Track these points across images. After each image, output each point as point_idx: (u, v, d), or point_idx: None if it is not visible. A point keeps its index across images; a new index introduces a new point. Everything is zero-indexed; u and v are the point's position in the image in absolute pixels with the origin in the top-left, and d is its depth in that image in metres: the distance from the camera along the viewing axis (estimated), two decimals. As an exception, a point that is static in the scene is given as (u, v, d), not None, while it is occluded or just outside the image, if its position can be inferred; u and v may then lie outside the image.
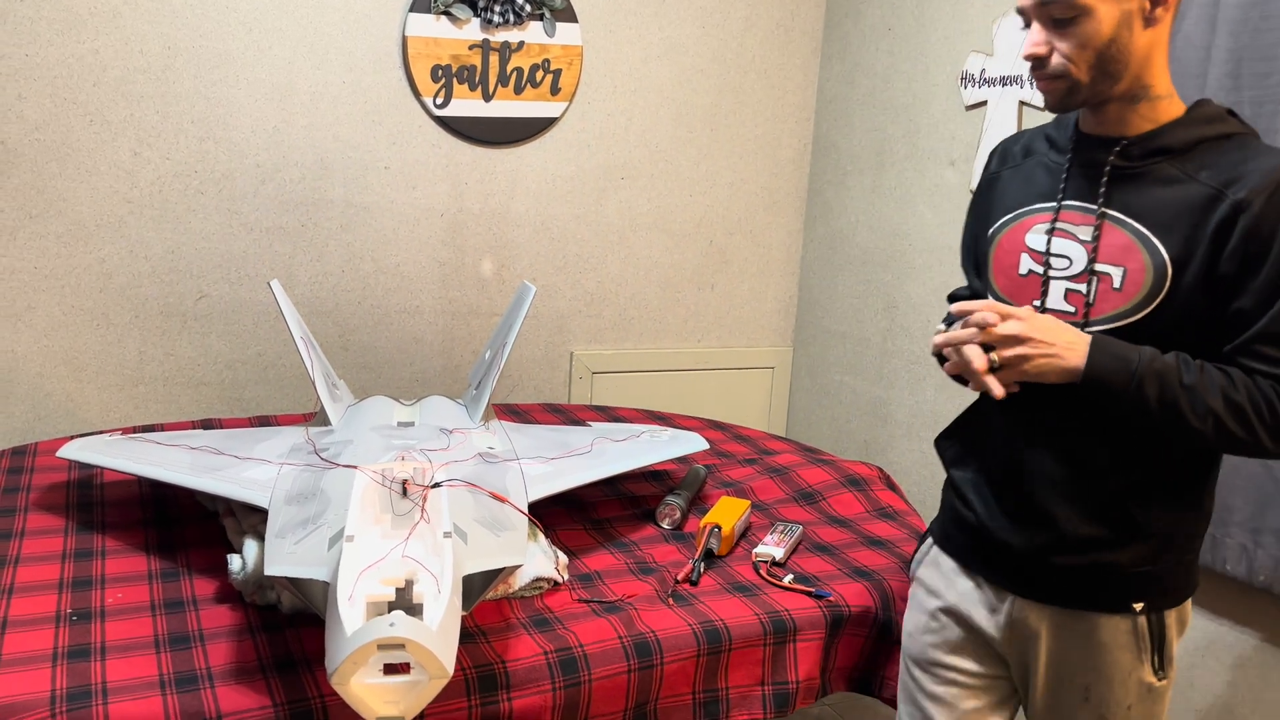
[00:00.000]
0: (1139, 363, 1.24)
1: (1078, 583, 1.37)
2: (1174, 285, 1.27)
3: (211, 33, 2.49)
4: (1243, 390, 1.23)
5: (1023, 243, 1.39)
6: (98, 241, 2.49)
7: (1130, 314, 1.30)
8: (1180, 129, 1.30)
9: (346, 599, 1.19)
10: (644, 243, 3.09)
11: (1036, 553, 1.39)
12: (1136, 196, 1.30)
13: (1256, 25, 1.86)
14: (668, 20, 2.96)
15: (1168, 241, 1.27)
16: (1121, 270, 1.30)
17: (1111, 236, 1.31)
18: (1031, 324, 1.25)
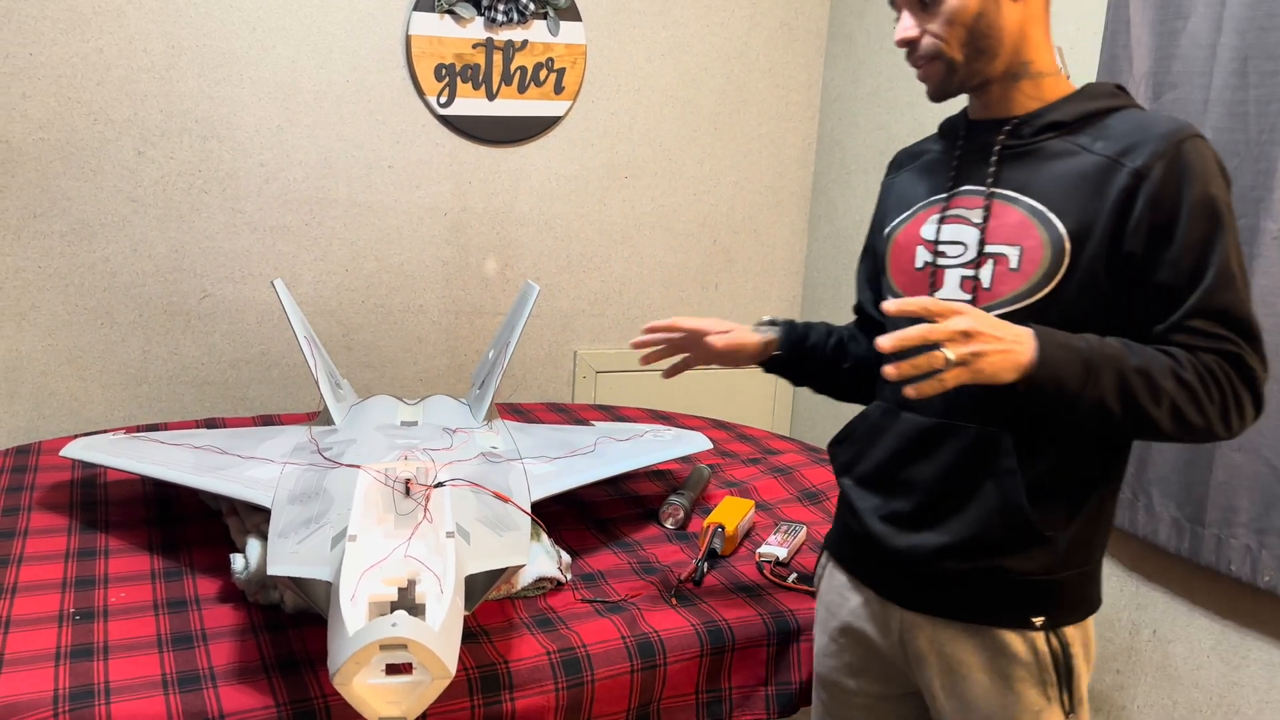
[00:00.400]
0: (1091, 350, 1.14)
1: (969, 590, 1.27)
2: (1074, 261, 1.20)
3: (215, 32, 2.49)
4: (1190, 369, 1.15)
5: (917, 235, 1.34)
6: (101, 240, 2.50)
7: (1029, 294, 1.22)
8: (1068, 104, 1.25)
9: (349, 599, 1.19)
10: (648, 242, 3.08)
11: (925, 558, 1.29)
12: (1028, 173, 1.24)
13: (1263, 24, 1.85)
14: (672, 19, 2.96)
15: (1064, 215, 1.21)
16: (1018, 249, 1.23)
17: (1004, 216, 1.25)
18: (976, 316, 1.13)
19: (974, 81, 1.27)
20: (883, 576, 1.36)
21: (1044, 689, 1.27)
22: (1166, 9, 2.02)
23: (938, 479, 1.28)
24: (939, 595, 1.29)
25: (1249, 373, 1.17)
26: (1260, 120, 1.86)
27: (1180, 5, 1.99)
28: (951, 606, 1.29)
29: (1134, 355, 1.15)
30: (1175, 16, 2.00)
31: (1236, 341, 1.16)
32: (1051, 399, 1.15)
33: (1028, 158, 1.25)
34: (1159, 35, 2.04)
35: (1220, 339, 1.16)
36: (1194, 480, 1.97)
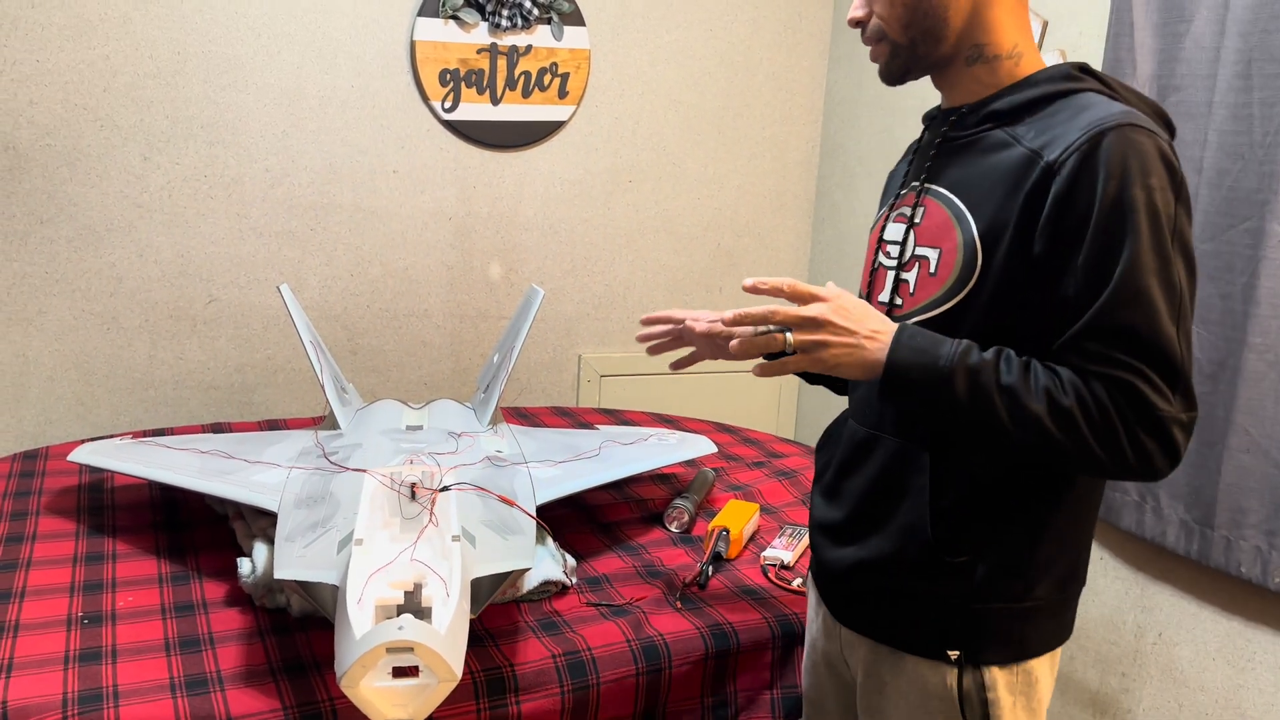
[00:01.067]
0: (949, 357, 1.05)
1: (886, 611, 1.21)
2: (985, 266, 1.09)
3: (221, 38, 2.51)
4: (1071, 393, 1.02)
5: (878, 233, 1.27)
6: (108, 246, 2.51)
7: (942, 301, 1.12)
8: (1012, 91, 1.13)
9: (355, 602, 1.20)
10: (652, 245, 3.09)
11: (849, 571, 1.24)
12: (959, 168, 1.14)
13: (1266, 26, 1.85)
14: (675, 23, 2.96)
15: (978, 215, 1.10)
16: (937, 252, 1.13)
17: (932, 215, 1.15)
18: (836, 306, 1.07)
19: (922, 65, 1.19)
20: (829, 590, 1.31)
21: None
22: (1170, 12, 2.02)
23: (864, 492, 1.23)
24: (868, 614, 1.24)
25: (1149, 409, 1.00)
26: (1265, 123, 1.86)
27: (1184, 8, 2.00)
28: (876, 626, 1.23)
29: (1006, 371, 1.04)
30: (1179, 19, 2.01)
31: (1135, 367, 1.00)
32: (900, 400, 1.10)
33: (964, 151, 1.15)
34: (1163, 38, 2.04)
35: (1115, 363, 1.01)
36: (1202, 482, 1.97)
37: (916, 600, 1.18)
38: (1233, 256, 1.91)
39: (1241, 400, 1.89)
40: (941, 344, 1.06)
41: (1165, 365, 1.01)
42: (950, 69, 1.18)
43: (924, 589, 1.17)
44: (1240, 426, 1.89)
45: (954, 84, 1.19)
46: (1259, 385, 1.87)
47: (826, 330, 1.07)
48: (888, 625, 1.22)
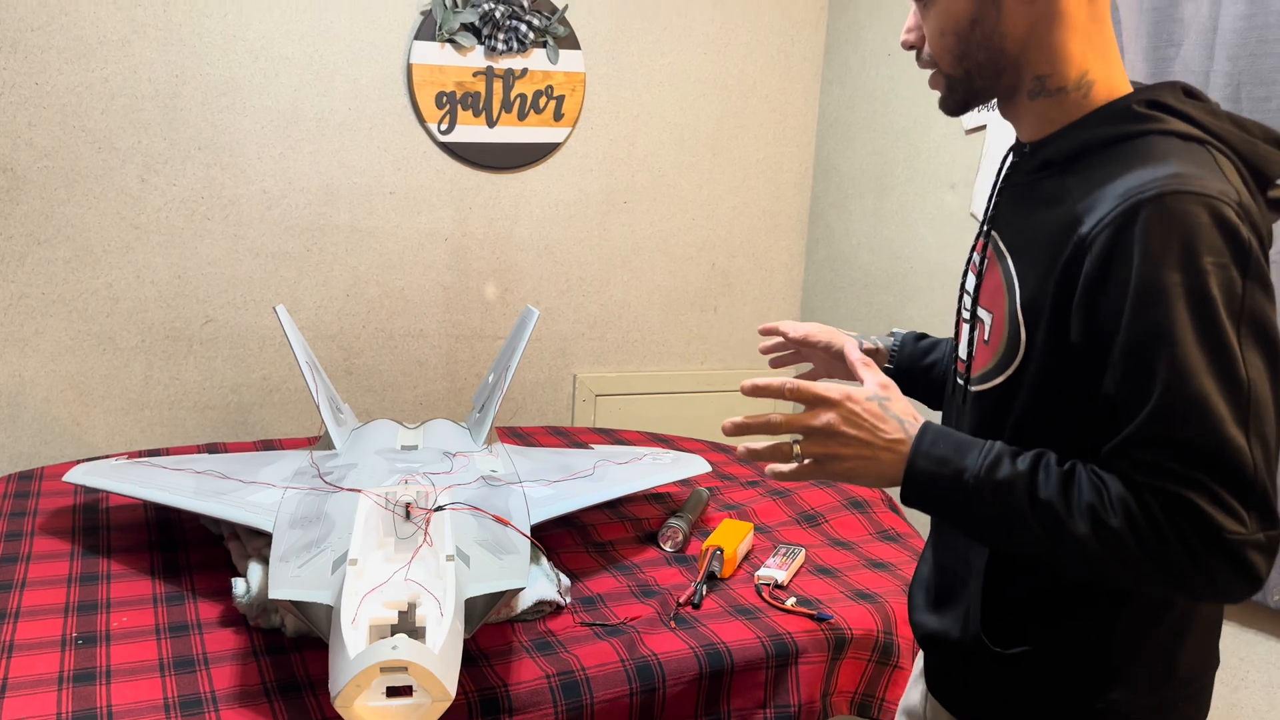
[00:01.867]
0: (974, 470, 0.93)
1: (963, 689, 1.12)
2: (1029, 344, 0.96)
3: (219, 61, 2.52)
4: (1119, 511, 0.88)
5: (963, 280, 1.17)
6: (105, 266, 2.52)
7: (994, 374, 1.01)
8: (1071, 132, 0.99)
9: (350, 622, 1.20)
10: (647, 266, 3.10)
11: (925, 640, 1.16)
12: (1018, 220, 1.02)
13: (1254, 50, 1.88)
14: (670, 46, 2.99)
15: (1024, 284, 0.97)
16: (990, 317, 1.02)
17: (992, 272, 1.03)
18: (845, 414, 0.96)
19: (983, 97, 1.04)
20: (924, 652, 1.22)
21: None
22: (1159, 35, 2.05)
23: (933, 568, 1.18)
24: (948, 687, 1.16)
25: (1212, 530, 0.85)
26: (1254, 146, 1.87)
27: (1173, 32, 2.02)
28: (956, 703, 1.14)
29: (1045, 485, 0.91)
30: (1168, 43, 2.03)
31: (1197, 481, 0.85)
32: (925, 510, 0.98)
33: (1023, 200, 1.03)
34: (1153, 61, 2.07)
35: (1170, 476, 0.86)
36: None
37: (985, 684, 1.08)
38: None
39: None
40: (967, 454, 0.94)
41: (1233, 478, 0.85)
42: (1014, 101, 1.03)
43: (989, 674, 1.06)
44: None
45: (1020, 118, 1.04)
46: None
47: (837, 441, 0.97)
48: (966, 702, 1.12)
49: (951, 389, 1.16)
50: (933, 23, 1.02)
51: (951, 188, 2.70)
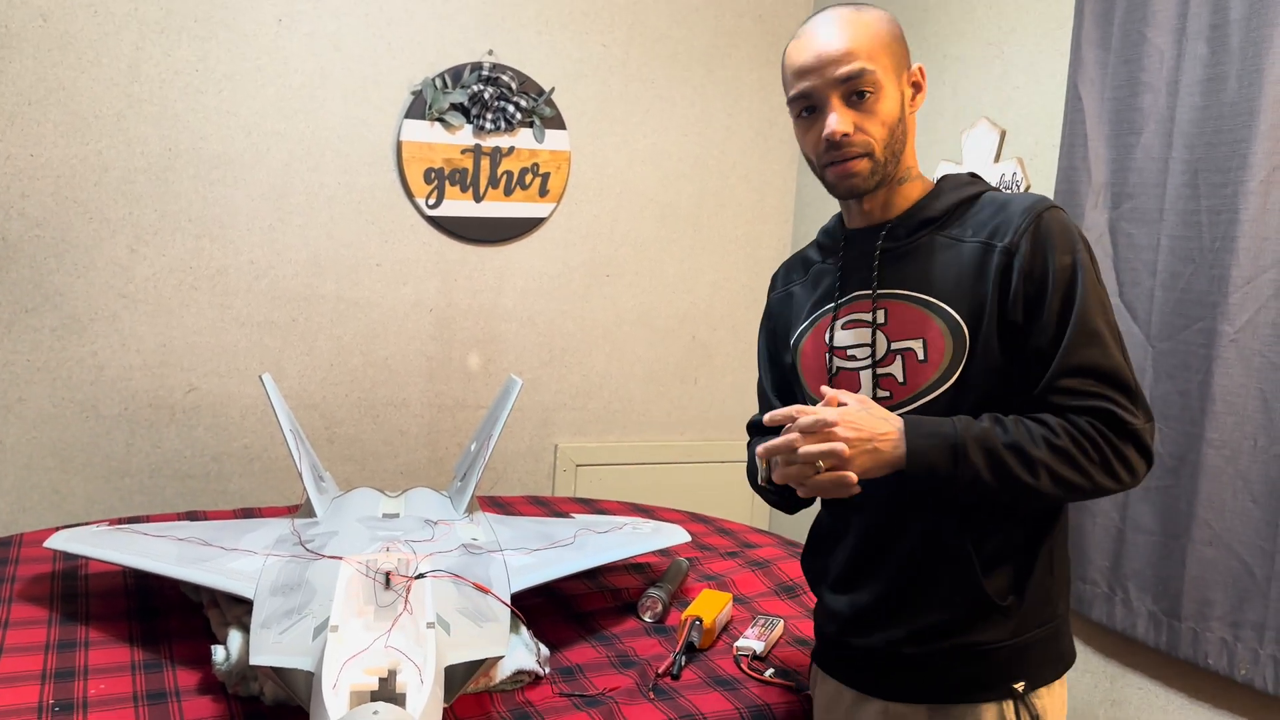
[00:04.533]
0: (957, 434, 1.20)
1: (942, 672, 1.31)
2: (973, 343, 1.25)
3: (212, 135, 2.59)
4: (1063, 434, 1.20)
5: (823, 342, 1.38)
6: (91, 335, 2.54)
7: (942, 381, 1.27)
8: (935, 200, 1.32)
9: (330, 688, 1.21)
10: (629, 338, 3.15)
11: (894, 648, 1.33)
12: (913, 271, 1.30)
13: (1210, 139, 1.96)
14: (652, 128, 3.08)
15: (957, 304, 1.27)
16: (921, 342, 1.28)
17: (901, 314, 1.30)
18: (845, 426, 1.18)
19: (881, 181, 1.30)
20: (864, 673, 1.39)
21: None
22: (1120, 123, 2.14)
23: (898, 572, 1.33)
24: (917, 681, 1.33)
25: (1124, 426, 1.21)
26: (1213, 229, 1.95)
27: (1133, 120, 2.11)
28: (931, 689, 1.32)
29: (1005, 431, 1.21)
30: (1129, 131, 2.12)
31: (1107, 396, 1.21)
32: (927, 484, 1.21)
33: (909, 256, 1.32)
34: (1115, 148, 2.15)
35: (1089, 395, 1.21)
36: (1169, 574, 2.00)
37: (975, 652, 1.29)
38: (1188, 355, 1.98)
39: (1202, 494, 1.94)
40: (943, 424, 1.21)
41: (1125, 388, 1.22)
42: (887, 186, 1.33)
43: (980, 639, 1.29)
44: (1202, 520, 1.94)
45: (883, 202, 1.35)
46: (1218, 480, 1.92)
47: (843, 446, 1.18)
48: (950, 684, 1.31)
49: None
50: (875, 117, 1.27)
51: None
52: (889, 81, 1.27)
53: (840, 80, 1.25)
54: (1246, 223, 1.89)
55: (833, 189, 1.34)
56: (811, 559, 1.49)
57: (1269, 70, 1.85)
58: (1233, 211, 1.92)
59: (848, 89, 1.26)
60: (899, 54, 1.30)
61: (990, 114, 2.56)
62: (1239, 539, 1.89)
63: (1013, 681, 1.29)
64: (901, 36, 1.31)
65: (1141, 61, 2.09)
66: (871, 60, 1.26)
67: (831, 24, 1.27)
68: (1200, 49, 1.97)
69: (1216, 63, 1.95)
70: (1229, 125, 1.93)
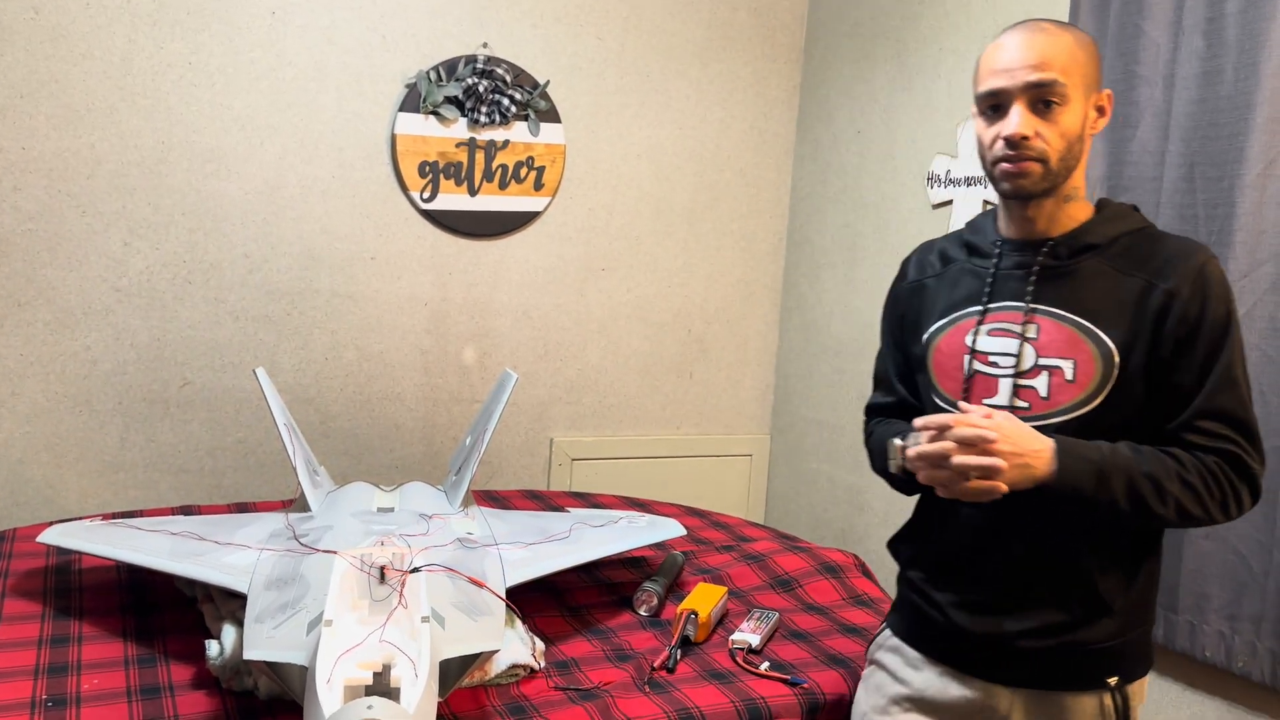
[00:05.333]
0: (1104, 461, 1.29)
1: (1049, 664, 1.40)
2: (1121, 372, 1.33)
3: (206, 129, 2.58)
4: (1194, 471, 1.29)
5: (963, 344, 1.43)
6: (84, 329, 2.53)
7: (1086, 403, 1.34)
8: (1099, 227, 1.38)
9: (324, 683, 1.21)
10: (624, 332, 3.15)
11: (1007, 640, 1.40)
12: (1069, 292, 1.36)
13: (1206, 133, 1.96)
14: (647, 122, 3.07)
15: (1112, 332, 1.33)
16: (1071, 363, 1.35)
17: (1053, 332, 1.36)
18: (1004, 440, 1.26)
19: (1050, 190, 1.35)
20: (965, 655, 1.46)
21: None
22: (1117, 118, 2.13)
23: (1014, 571, 1.40)
24: (1021, 669, 1.41)
25: (1247, 470, 1.32)
26: (1209, 223, 1.95)
27: (1130, 114, 2.11)
28: (1034, 677, 1.41)
29: (1143, 462, 1.29)
30: (1125, 124, 2.12)
31: (1237, 441, 1.31)
32: (1068, 502, 1.30)
33: (1068, 277, 1.37)
34: (1112, 142, 2.15)
35: (1222, 438, 1.31)
36: (1166, 569, 2.00)
37: (1078, 648, 1.38)
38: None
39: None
40: (1091, 450, 1.30)
41: (1252, 435, 1.33)
42: (1049, 200, 1.37)
43: (1084, 638, 1.38)
44: (1195, 513, 1.94)
45: (1047, 215, 1.38)
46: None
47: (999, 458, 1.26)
48: (1048, 674, 1.40)
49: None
50: (1056, 126, 1.32)
51: (921, 259, 2.77)
52: (1076, 97, 1.32)
53: (1030, 86, 1.30)
54: (1243, 216, 1.89)
55: (999, 187, 1.37)
56: (911, 542, 1.55)
57: (1265, 64, 1.85)
58: (1229, 205, 1.92)
59: (1035, 95, 1.31)
60: (1090, 75, 1.34)
61: (986, 107, 2.55)
62: (1236, 533, 1.90)
63: (1108, 676, 1.39)
64: (1096, 59, 1.36)
65: (1138, 55, 2.09)
66: (1064, 74, 1.31)
67: (1033, 33, 1.33)
68: (1196, 42, 1.97)
69: (1213, 56, 1.95)
70: (1225, 119, 1.93)
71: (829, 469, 3.13)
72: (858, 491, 3.00)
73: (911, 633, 1.53)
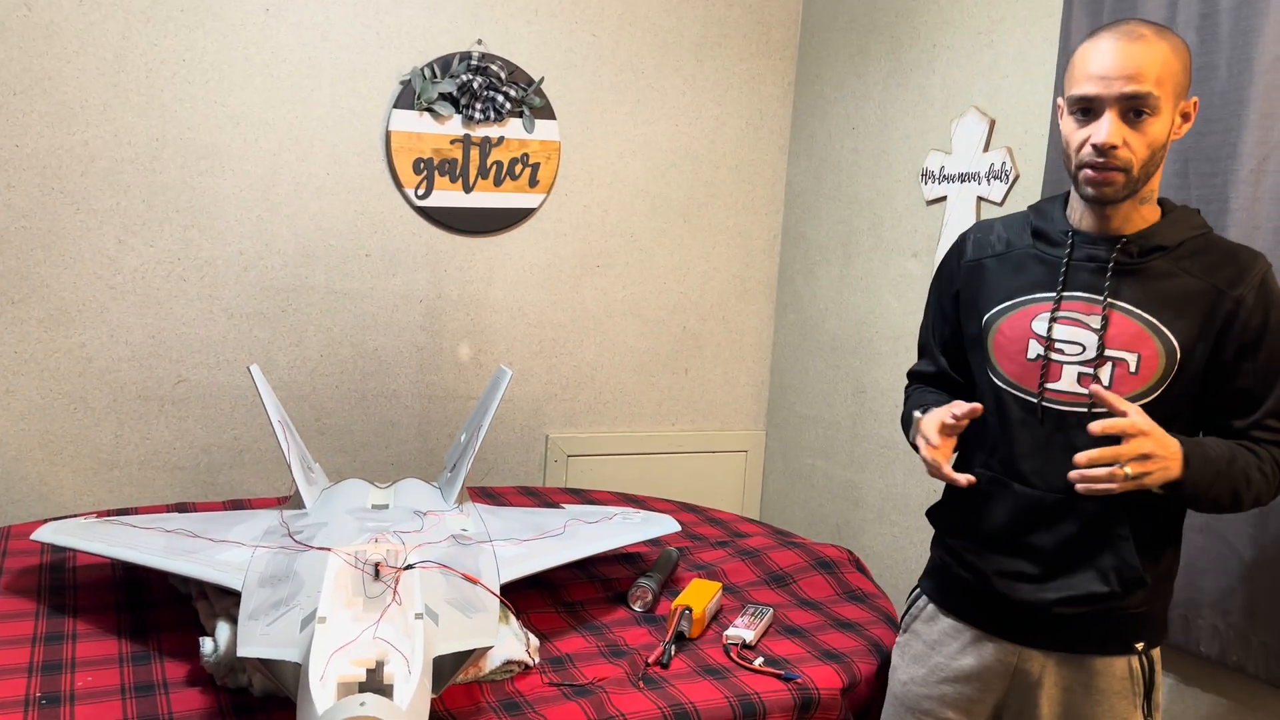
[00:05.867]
0: (1219, 462, 1.39)
1: (1083, 630, 1.49)
2: (1181, 369, 1.41)
3: (199, 126, 2.57)
4: (1268, 462, 1.42)
5: (1029, 329, 1.49)
6: (79, 326, 2.53)
7: (1145, 395, 1.43)
8: (1168, 229, 1.44)
9: (318, 679, 1.21)
10: (619, 328, 3.15)
11: (1045, 608, 1.49)
12: (1141, 290, 1.43)
13: (1200, 128, 1.96)
14: (642, 118, 3.07)
15: (1177, 330, 1.41)
16: (1136, 356, 1.43)
17: (1122, 326, 1.43)
18: (1155, 440, 1.33)
19: (1129, 195, 1.41)
20: (1002, 622, 1.55)
21: (1132, 699, 1.50)
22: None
23: (1060, 546, 1.48)
24: (1056, 634, 1.51)
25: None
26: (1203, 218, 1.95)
27: (1121, 109, 2.11)
28: (1068, 642, 1.51)
29: (1239, 459, 1.41)
30: (1117, 119, 2.12)
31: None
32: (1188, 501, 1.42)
33: (1138, 274, 1.43)
34: (1103, 136, 2.15)
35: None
36: (1158, 564, 2.01)
37: (1112, 616, 1.48)
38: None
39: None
40: (1210, 453, 1.38)
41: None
42: (1128, 202, 1.43)
43: (1119, 606, 1.47)
44: (1190, 508, 1.95)
45: (1123, 215, 1.44)
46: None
47: (1151, 462, 1.33)
48: (1082, 638, 1.50)
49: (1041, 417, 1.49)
50: (1144, 136, 1.36)
51: (914, 256, 2.78)
52: (1166, 108, 1.36)
53: (1124, 97, 1.34)
54: (1237, 212, 1.89)
55: (1081, 190, 1.43)
56: (947, 512, 1.62)
57: (1259, 59, 1.85)
58: (1223, 201, 1.92)
59: (1127, 106, 1.35)
60: (1182, 84, 1.38)
61: (980, 103, 2.56)
62: (1229, 526, 1.90)
63: (1136, 641, 1.49)
64: (1189, 68, 1.39)
65: (1131, 50, 2.09)
66: (1157, 85, 1.34)
67: (1132, 40, 1.35)
68: (1190, 38, 1.97)
69: (1206, 52, 1.95)
70: (1219, 114, 1.93)
71: (824, 465, 3.13)
72: (853, 487, 3.01)
73: (948, 599, 1.62)
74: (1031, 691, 1.53)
